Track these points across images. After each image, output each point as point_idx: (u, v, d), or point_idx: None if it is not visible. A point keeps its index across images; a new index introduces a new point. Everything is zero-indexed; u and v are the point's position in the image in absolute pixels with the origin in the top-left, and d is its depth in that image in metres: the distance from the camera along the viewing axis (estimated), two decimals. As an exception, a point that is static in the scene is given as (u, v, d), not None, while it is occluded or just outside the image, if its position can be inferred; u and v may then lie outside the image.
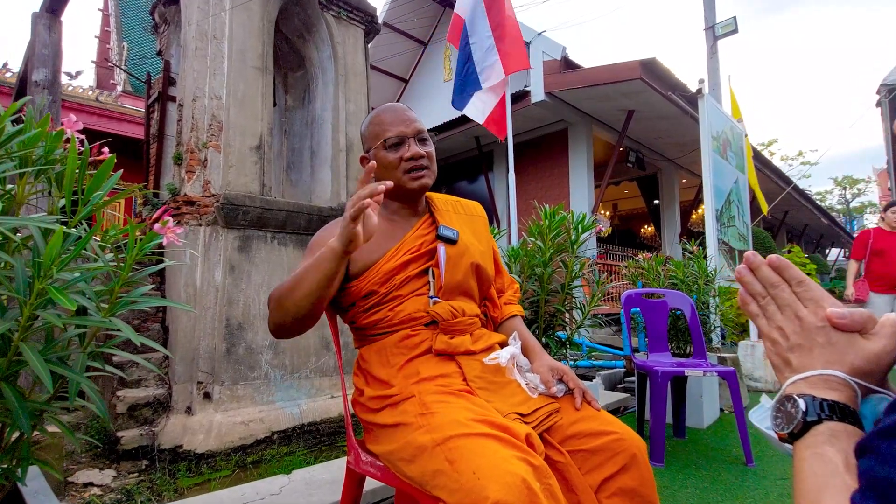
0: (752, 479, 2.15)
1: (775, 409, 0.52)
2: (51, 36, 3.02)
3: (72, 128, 0.75)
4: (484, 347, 1.12)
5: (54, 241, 0.56)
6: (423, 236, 1.18)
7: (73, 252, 0.61)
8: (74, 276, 0.63)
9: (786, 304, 0.55)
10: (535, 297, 2.04)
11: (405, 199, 1.22)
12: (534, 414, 0.99)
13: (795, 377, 0.52)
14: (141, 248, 0.67)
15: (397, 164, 1.17)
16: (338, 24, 4.24)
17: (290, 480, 1.89)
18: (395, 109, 1.22)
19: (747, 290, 0.58)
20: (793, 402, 0.50)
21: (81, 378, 0.64)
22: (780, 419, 0.51)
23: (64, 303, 0.55)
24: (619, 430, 0.99)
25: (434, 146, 1.25)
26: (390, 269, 1.12)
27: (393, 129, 1.18)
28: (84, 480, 2.86)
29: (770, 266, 0.56)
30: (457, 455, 0.81)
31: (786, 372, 0.54)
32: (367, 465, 1.00)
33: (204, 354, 3.32)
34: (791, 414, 0.49)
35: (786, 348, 0.54)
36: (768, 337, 0.56)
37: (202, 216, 3.42)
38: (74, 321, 0.65)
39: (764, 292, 0.57)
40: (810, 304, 0.53)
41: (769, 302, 0.56)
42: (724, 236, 3.88)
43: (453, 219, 1.25)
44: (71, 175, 0.69)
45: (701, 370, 2.26)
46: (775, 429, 0.51)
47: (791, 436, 0.49)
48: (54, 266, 0.58)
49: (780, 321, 0.55)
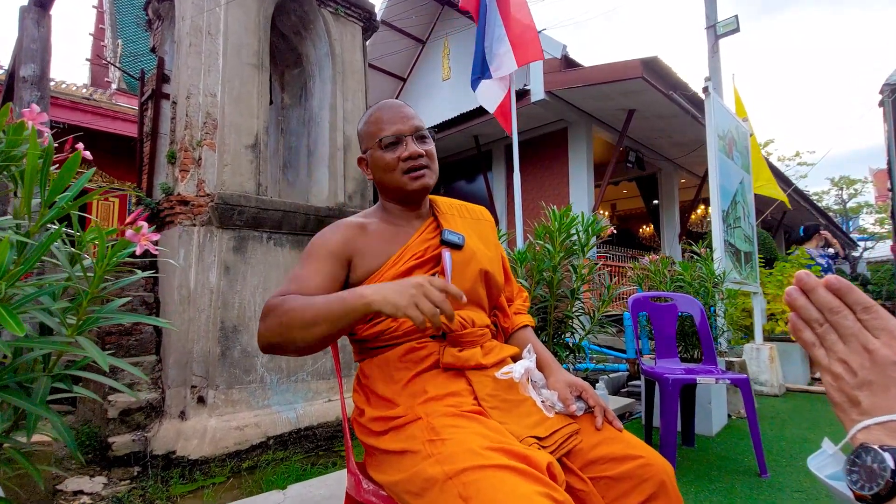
0: (767, 492, 2.07)
1: (850, 461, 0.44)
2: (39, 31, 2.92)
3: (34, 119, 0.66)
4: (495, 361, 1.03)
5: (0, 251, 0.47)
6: (429, 241, 1.11)
7: (29, 262, 0.52)
8: (31, 293, 0.54)
9: (850, 333, 0.47)
10: (544, 302, 1.96)
11: (406, 202, 1.15)
12: (552, 437, 0.90)
13: (868, 422, 0.44)
14: (111, 258, 0.58)
15: (395, 165, 1.09)
16: (335, 20, 4.15)
17: (285, 496, 1.81)
18: (391, 106, 1.14)
19: (801, 315, 0.51)
20: (874, 455, 0.41)
21: (41, 408, 0.55)
22: (856, 476, 0.43)
23: (13, 328, 0.46)
24: (645, 455, 0.91)
25: (434, 143, 1.17)
26: (394, 276, 1.04)
27: (389, 128, 1.10)
28: (74, 488, 2.77)
29: (829, 289, 0.48)
30: (472, 491, 0.72)
31: (852, 413, 0.46)
32: (370, 493, 0.91)
33: (198, 358, 3.23)
34: (873, 471, 0.41)
35: (853, 385, 0.46)
36: (828, 370, 0.48)
37: (196, 216, 3.33)
38: (32, 344, 0.56)
39: (821, 318, 0.49)
40: (883, 335, 0.45)
41: (828, 330, 0.48)
42: (731, 238, 3.80)
43: (458, 223, 1.17)
44: (31, 173, 0.60)
45: (713, 378, 2.18)
46: (851, 486, 0.43)
47: (875, 497, 0.41)
48: (2, 281, 0.49)
49: (844, 353, 0.47)
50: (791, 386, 4.42)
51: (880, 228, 27.78)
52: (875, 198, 28.79)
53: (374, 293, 0.84)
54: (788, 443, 2.77)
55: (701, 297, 3.00)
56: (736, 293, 3.59)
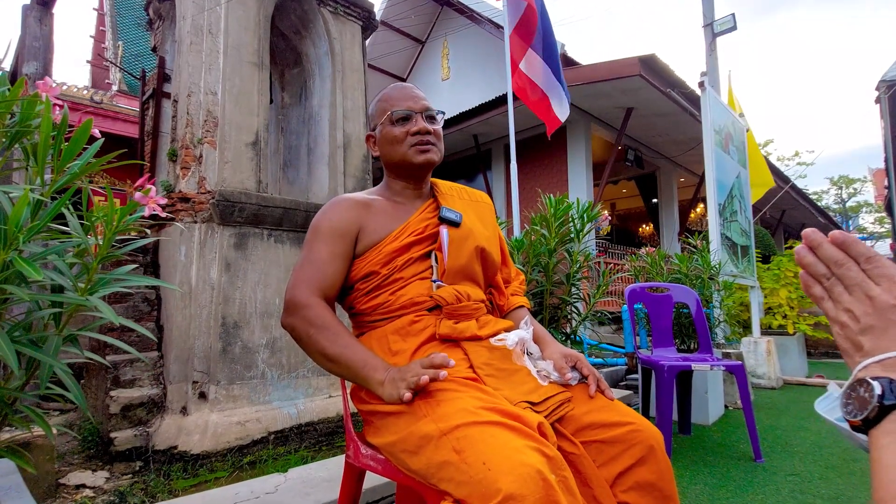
0: (762, 476, 2.09)
1: (846, 395, 0.47)
2: (41, 29, 2.96)
3: (48, 92, 0.70)
4: (490, 333, 1.07)
5: (19, 204, 0.51)
6: (428, 219, 1.15)
7: (44, 220, 0.55)
8: (45, 249, 0.57)
9: (854, 283, 0.50)
10: (540, 287, 1.98)
11: (410, 177, 1.19)
12: (545, 403, 0.93)
13: (868, 360, 0.47)
14: (120, 219, 0.61)
15: (403, 139, 1.14)
16: (335, 19, 4.19)
17: (286, 479, 1.83)
18: (403, 87, 1.21)
19: (809, 271, 0.53)
20: (866, 385, 0.45)
21: (53, 361, 0.59)
22: (851, 406, 0.46)
23: (31, 273, 0.49)
24: (635, 421, 0.94)
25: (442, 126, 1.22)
26: (393, 251, 1.08)
27: (401, 104, 1.15)
28: (76, 482, 2.79)
29: (833, 243, 0.51)
30: (465, 445, 0.75)
31: (856, 356, 0.49)
32: (368, 458, 0.94)
33: (199, 354, 3.25)
34: (865, 399, 0.45)
35: (857, 331, 0.49)
36: (836, 321, 0.51)
37: (197, 213, 3.36)
38: (47, 297, 0.59)
39: (828, 273, 0.52)
40: (883, 282, 0.48)
41: (835, 283, 0.51)
42: (727, 231, 3.83)
43: (458, 203, 1.21)
44: (45, 142, 0.64)
45: (708, 364, 2.21)
46: (846, 416, 0.47)
47: (865, 423, 0.45)
48: (21, 234, 0.52)
49: (849, 302, 0.50)
50: (788, 379, 4.44)
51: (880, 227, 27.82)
52: (874, 197, 28.82)
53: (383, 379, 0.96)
54: (784, 431, 2.79)
55: (697, 289, 3.03)
56: (732, 286, 3.62)
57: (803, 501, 1.88)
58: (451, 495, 0.75)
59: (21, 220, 0.52)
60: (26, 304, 0.64)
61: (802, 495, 1.93)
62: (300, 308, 1.02)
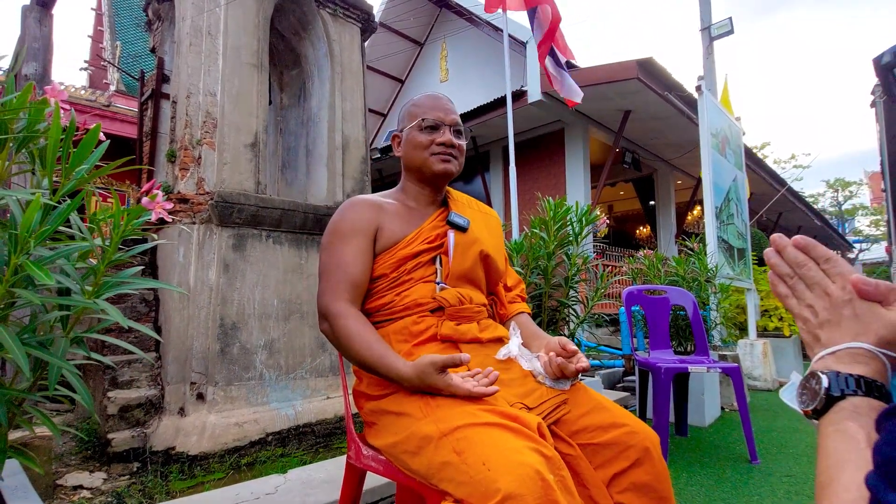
0: (757, 477, 2.11)
1: (801, 386, 0.52)
2: (41, 29, 2.96)
3: (56, 97, 0.71)
4: (491, 337, 1.08)
5: (31, 210, 0.52)
6: (440, 227, 1.17)
7: (54, 224, 0.56)
8: (54, 252, 0.58)
9: (814, 281, 0.54)
10: (538, 290, 2.00)
11: (427, 183, 1.21)
12: (540, 406, 0.95)
13: (823, 352, 0.51)
14: (128, 223, 0.62)
15: (427, 146, 1.16)
16: (334, 21, 4.21)
17: (285, 480, 1.84)
18: (437, 97, 1.23)
19: (776, 272, 0.58)
20: (817, 378, 0.49)
21: (62, 362, 0.60)
22: (805, 396, 0.51)
23: (41, 277, 0.50)
24: (630, 423, 0.95)
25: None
26: (404, 256, 1.10)
27: (432, 114, 1.18)
28: (73, 483, 2.79)
29: (796, 246, 0.56)
30: (465, 445, 0.76)
31: (816, 349, 0.53)
32: (369, 459, 0.96)
33: (197, 355, 3.25)
34: (815, 390, 0.49)
35: (815, 325, 0.54)
36: (799, 316, 0.56)
37: (196, 214, 3.37)
38: (55, 300, 0.60)
39: (792, 273, 0.57)
40: (838, 279, 0.53)
41: (798, 282, 0.56)
42: (724, 234, 3.86)
43: (467, 212, 1.24)
44: (54, 147, 0.65)
45: (705, 366, 2.23)
46: (801, 406, 0.51)
47: (815, 412, 0.49)
48: (32, 239, 0.53)
49: (810, 299, 0.54)
50: (784, 381, 4.46)
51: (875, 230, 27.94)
52: (870, 200, 28.94)
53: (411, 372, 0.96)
54: (780, 432, 2.82)
55: (694, 291, 3.05)
56: (729, 288, 3.64)
57: (799, 503, 1.90)
58: (451, 495, 0.76)
59: (32, 226, 0.54)
60: (30, 306, 0.65)
61: (798, 496, 1.95)
62: (330, 317, 1.04)
